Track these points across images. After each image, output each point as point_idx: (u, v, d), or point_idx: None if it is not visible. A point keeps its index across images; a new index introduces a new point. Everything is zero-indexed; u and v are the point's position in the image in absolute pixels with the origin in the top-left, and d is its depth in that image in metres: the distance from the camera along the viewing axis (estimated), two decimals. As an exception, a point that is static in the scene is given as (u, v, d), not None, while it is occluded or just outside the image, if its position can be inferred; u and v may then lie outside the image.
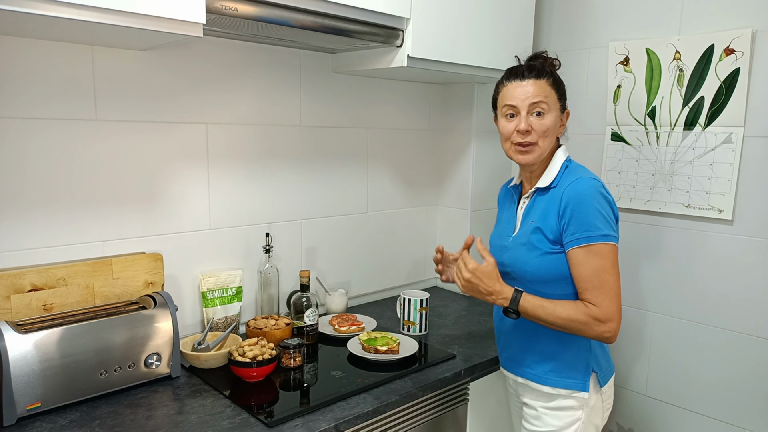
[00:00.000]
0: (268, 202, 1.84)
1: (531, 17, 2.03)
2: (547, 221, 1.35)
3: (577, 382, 1.39)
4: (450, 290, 2.36)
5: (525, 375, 1.47)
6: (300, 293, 1.73)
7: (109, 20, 1.10)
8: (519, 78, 1.38)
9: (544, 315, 1.31)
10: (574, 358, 1.40)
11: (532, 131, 1.36)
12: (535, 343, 1.43)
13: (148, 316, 1.40)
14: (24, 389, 1.21)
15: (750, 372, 1.76)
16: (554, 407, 1.42)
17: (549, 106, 1.36)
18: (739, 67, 1.70)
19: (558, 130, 1.41)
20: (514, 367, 1.51)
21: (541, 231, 1.35)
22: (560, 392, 1.40)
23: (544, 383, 1.42)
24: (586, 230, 1.28)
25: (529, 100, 1.35)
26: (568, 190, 1.32)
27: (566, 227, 1.31)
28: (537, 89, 1.36)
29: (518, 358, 1.48)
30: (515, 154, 1.40)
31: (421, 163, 2.30)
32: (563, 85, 1.43)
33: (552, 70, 1.41)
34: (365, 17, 1.54)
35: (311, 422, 1.26)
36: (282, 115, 1.84)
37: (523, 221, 1.43)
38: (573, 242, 1.30)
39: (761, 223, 1.71)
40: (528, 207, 1.43)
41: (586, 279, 1.30)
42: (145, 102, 1.54)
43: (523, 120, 1.36)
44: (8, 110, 1.34)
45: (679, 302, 1.90)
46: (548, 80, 1.38)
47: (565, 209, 1.31)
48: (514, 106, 1.38)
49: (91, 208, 1.49)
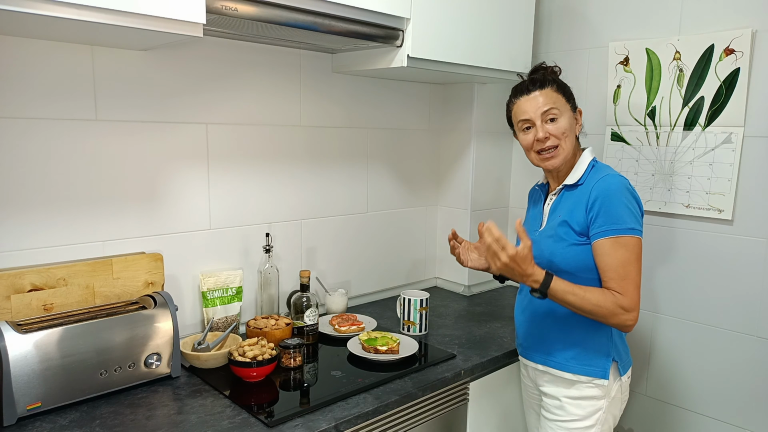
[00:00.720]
0: (268, 202, 1.84)
1: (531, 17, 2.03)
2: (575, 215, 1.41)
3: (598, 370, 1.44)
4: (450, 290, 2.36)
5: (547, 363, 1.50)
6: (300, 293, 1.73)
7: (110, 20, 1.10)
8: (525, 93, 1.46)
9: (573, 299, 1.34)
10: (596, 346, 1.44)
11: (550, 137, 1.43)
12: (559, 330, 1.47)
13: (148, 316, 1.40)
14: (24, 389, 1.21)
15: (750, 372, 1.76)
16: (576, 396, 1.46)
17: (560, 110, 1.43)
18: (739, 67, 1.70)
19: (575, 128, 1.48)
20: (535, 356, 1.54)
21: (568, 224, 1.41)
22: (581, 379, 1.44)
23: (567, 370, 1.46)
24: (614, 223, 1.35)
25: (540, 110, 1.43)
26: (597, 185, 1.39)
27: (594, 219, 1.37)
28: (545, 98, 1.43)
29: (540, 346, 1.52)
30: (541, 162, 1.47)
31: (421, 163, 2.30)
32: (568, 87, 1.50)
33: (554, 77, 1.48)
34: (365, 17, 1.54)
35: (311, 422, 1.26)
36: (282, 115, 1.84)
37: (550, 216, 1.49)
38: (600, 234, 1.36)
39: (761, 223, 1.71)
40: (555, 203, 1.49)
41: (612, 269, 1.35)
42: (145, 102, 1.54)
43: (539, 129, 1.43)
44: (8, 110, 1.34)
45: (679, 302, 1.90)
46: (552, 87, 1.45)
47: (594, 203, 1.37)
48: (527, 119, 1.45)
49: (91, 208, 1.49)
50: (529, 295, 1.47)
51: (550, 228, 1.46)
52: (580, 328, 1.44)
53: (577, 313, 1.38)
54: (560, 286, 1.35)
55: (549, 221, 1.49)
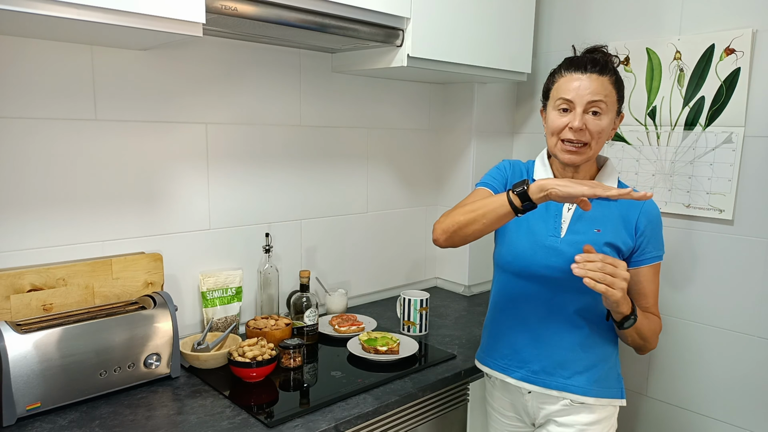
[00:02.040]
0: (268, 202, 1.84)
1: (531, 17, 2.03)
2: (620, 235, 1.30)
3: (615, 390, 1.36)
4: (450, 290, 2.36)
5: (567, 389, 1.33)
6: (300, 293, 1.73)
7: (110, 20, 1.10)
8: (581, 70, 1.26)
9: (646, 323, 1.28)
10: (610, 368, 1.36)
11: (585, 130, 1.25)
12: (583, 351, 1.33)
13: (148, 316, 1.40)
14: (24, 389, 1.21)
15: (750, 372, 1.76)
16: (593, 421, 1.34)
17: (607, 107, 1.26)
18: (740, 67, 1.70)
19: (610, 133, 1.30)
20: (551, 382, 1.34)
21: (614, 244, 1.29)
22: (601, 402, 1.33)
23: (589, 394, 1.32)
24: (659, 249, 1.33)
25: (588, 97, 1.24)
26: (647, 209, 1.31)
27: (645, 245, 1.31)
28: (598, 86, 1.24)
29: (559, 370, 1.34)
30: (562, 153, 1.29)
31: (421, 163, 2.29)
32: (623, 85, 1.32)
33: (614, 68, 1.30)
34: (365, 17, 1.54)
35: (311, 422, 1.26)
36: (282, 115, 1.84)
37: (575, 225, 1.32)
38: (650, 260, 1.31)
39: (761, 223, 1.71)
40: (580, 210, 1.32)
41: (653, 295, 1.33)
42: (144, 102, 1.54)
43: (577, 117, 1.24)
44: (7, 110, 1.34)
45: (679, 302, 1.90)
46: (611, 78, 1.27)
47: (646, 227, 1.30)
48: (570, 100, 1.25)
49: (91, 208, 1.49)
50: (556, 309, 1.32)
51: (582, 239, 1.29)
52: (599, 348, 1.33)
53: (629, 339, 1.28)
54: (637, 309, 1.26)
55: (572, 230, 1.31)
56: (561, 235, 1.31)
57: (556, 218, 1.34)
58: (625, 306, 1.20)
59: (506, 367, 1.40)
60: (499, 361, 1.42)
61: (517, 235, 1.37)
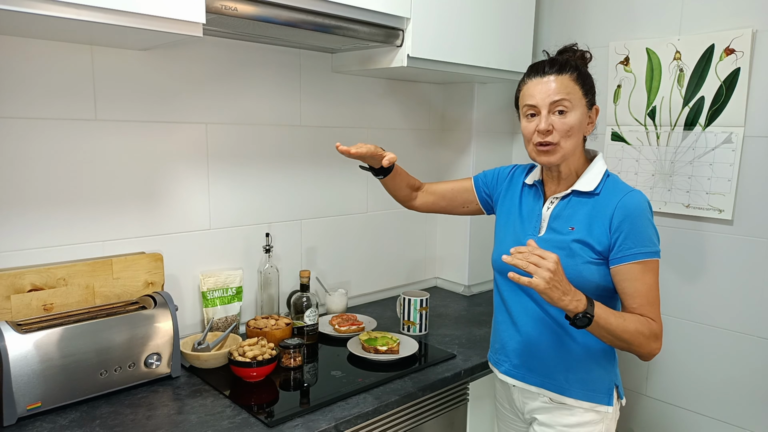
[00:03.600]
0: (268, 202, 1.84)
1: (531, 17, 2.03)
2: (594, 231, 1.25)
3: (602, 396, 1.32)
4: (450, 290, 2.36)
5: (545, 385, 1.35)
6: (300, 293, 1.73)
7: (110, 20, 1.10)
8: (539, 74, 1.27)
9: (616, 323, 1.17)
10: (601, 372, 1.32)
11: (553, 131, 1.25)
12: (567, 350, 1.32)
13: (148, 316, 1.40)
14: (24, 389, 1.21)
15: (750, 372, 1.76)
16: (574, 424, 1.33)
17: (572, 104, 1.25)
18: (740, 67, 1.70)
19: (585, 128, 1.29)
20: (530, 377, 1.37)
21: (585, 241, 1.26)
22: (582, 405, 1.32)
23: (568, 394, 1.32)
24: (644, 245, 1.22)
25: (549, 99, 1.25)
26: (623, 203, 1.24)
27: (621, 241, 1.23)
28: (558, 86, 1.25)
29: (540, 368, 1.35)
30: (537, 156, 1.30)
31: (421, 163, 2.29)
32: (590, 78, 1.31)
33: (578, 64, 1.29)
34: (365, 17, 1.54)
35: (311, 422, 1.26)
36: (282, 115, 1.84)
37: (552, 223, 1.32)
38: (629, 257, 1.22)
39: (761, 223, 1.71)
40: (558, 209, 1.32)
41: (642, 294, 1.22)
42: (144, 102, 1.54)
43: (543, 119, 1.25)
44: (7, 110, 1.34)
45: (679, 302, 1.90)
46: (572, 75, 1.26)
47: (621, 222, 1.23)
48: (533, 105, 1.27)
49: (91, 208, 1.49)
50: (535, 306, 1.33)
51: (559, 239, 1.28)
52: (587, 353, 1.31)
53: (606, 341, 1.21)
54: (603, 307, 1.17)
55: (552, 230, 1.31)
56: (539, 234, 1.33)
57: (537, 218, 1.36)
58: (571, 303, 1.12)
59: (497, 360, 1.46)
60: (493, 354, 1.50)
61: (503, 235, 1.43)
